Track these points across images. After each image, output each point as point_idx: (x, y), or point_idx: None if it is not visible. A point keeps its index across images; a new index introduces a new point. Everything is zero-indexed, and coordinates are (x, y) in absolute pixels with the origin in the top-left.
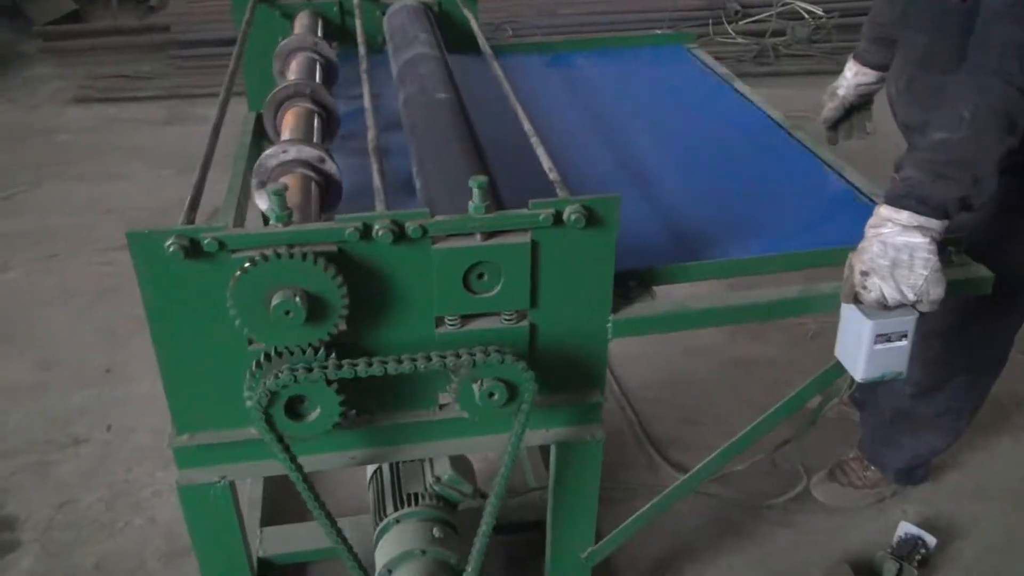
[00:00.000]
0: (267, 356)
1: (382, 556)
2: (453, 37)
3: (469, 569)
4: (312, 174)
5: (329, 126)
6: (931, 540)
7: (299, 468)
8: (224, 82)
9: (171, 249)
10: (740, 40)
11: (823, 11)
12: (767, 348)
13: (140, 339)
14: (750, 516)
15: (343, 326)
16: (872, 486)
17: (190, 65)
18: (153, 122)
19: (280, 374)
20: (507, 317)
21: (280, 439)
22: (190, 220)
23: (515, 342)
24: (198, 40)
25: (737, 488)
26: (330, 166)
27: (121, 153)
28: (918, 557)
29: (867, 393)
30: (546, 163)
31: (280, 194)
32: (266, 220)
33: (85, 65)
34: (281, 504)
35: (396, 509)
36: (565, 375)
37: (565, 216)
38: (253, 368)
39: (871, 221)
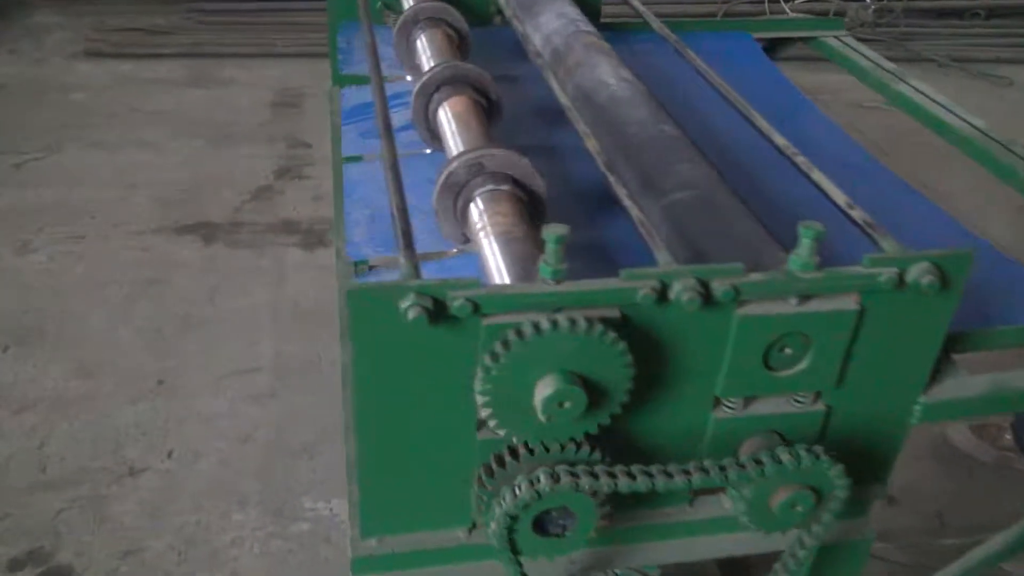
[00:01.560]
0: (508, 453)
1: None
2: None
3: None
4: (519, 192)
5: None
6: None
7: None
8: (369, 61)
9: (411, 314)
10: None
11: None
12: None
13: (191, 343)
14: None
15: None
16: None
17: (211, 20)
18: (175, 83)
19: (540, 483)
20: (799, 398)
21: (518, 559)
22: (414, 272)
23: (804, 429)
24: None
25: (909, 552)
26: (539, 182)
27: (143, 118)
28: None
29: None
30: (839, 196)
31: (561, 241)
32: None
33: (92, 15)
34: None
35: None
36: (849, 466)
37: (911, 277)
38: (486, 470)
39: None
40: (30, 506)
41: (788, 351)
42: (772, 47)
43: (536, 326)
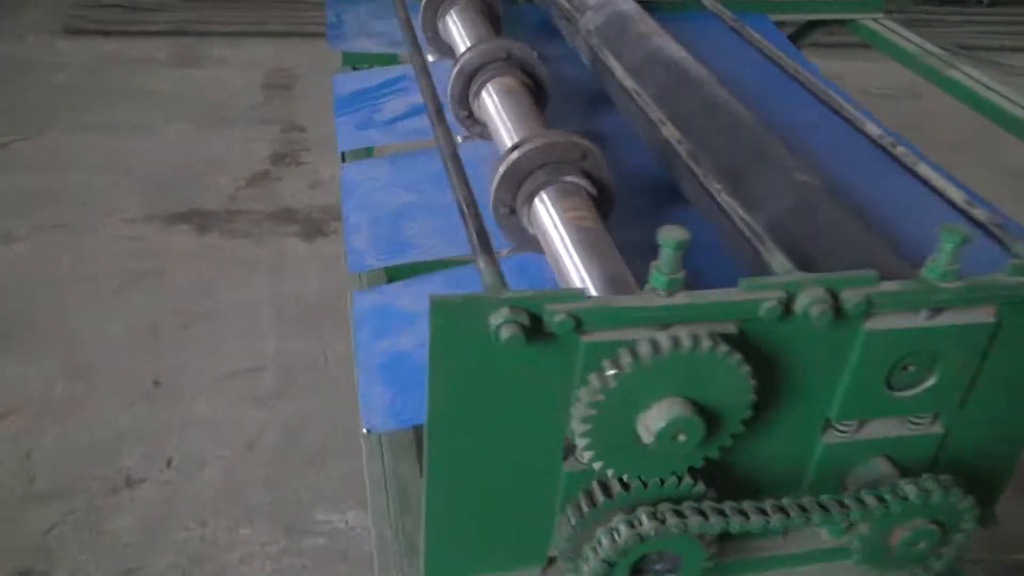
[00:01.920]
0: (599, 488)
1: None
2: None
3: None
4: (585, 183)
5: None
6: None
7: None
8: (404, 36)
9: (505, 333)
10: None
11: None
12: None
13: (188, 341)
14: None
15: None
16: None
17: None
18: (163, 63)
19: (645, 524)
20: (916, 420)
21: None
22: (501, 282)
23: (917, 453)
24: None
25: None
26: (607, 172)
27: (131, 98)
28: None
29: None
30: (954, 193)
31: (681, 246)
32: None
33: None
34: None
35: None
36: None
37: None
38: (576, 508)
39: None
40: (19, 521)
41: (911, 369)
42: (800, 33)
43: (655, 344)
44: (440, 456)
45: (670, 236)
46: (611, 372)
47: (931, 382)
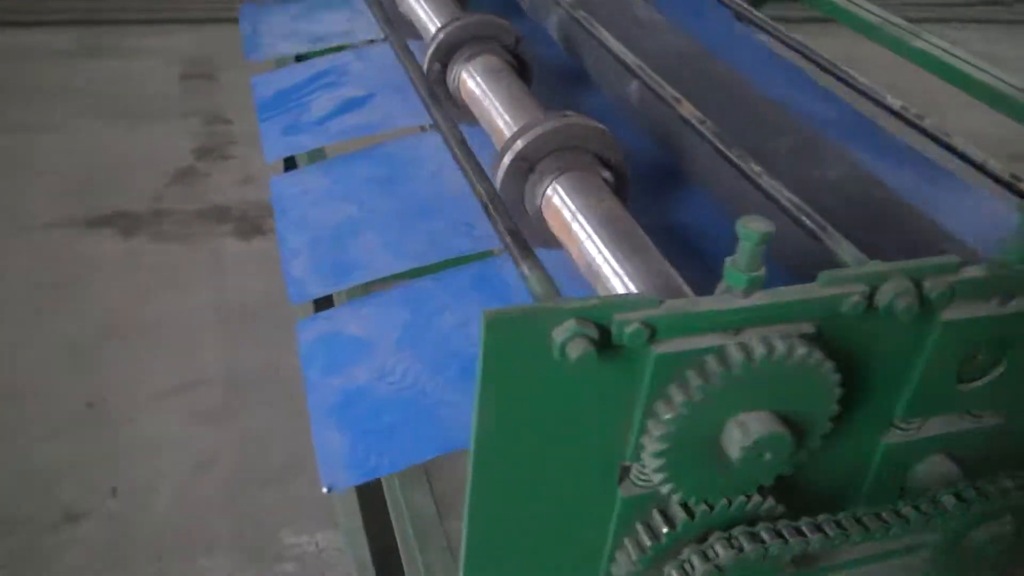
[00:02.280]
0: (659, 513)
1: None
2: None
3: None
4: (601, 167)
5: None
6: None
7: None
8: (376, 15)
9: (574, 350)
10: None
11: None
12: None
13: (122, 356)
14: None
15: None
16: None
17: None
18: (70, 54)
19: (747, 546)
20: (977, 412)
21: None
22: (554, 289)
23: (974, 446)
24: None
25: None
26: (620, 156)
27: (36, 94)
28: None
29: None
30: (994, 164)
31: (765, 239)
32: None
33: None
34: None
35: None
36: None
37: None
38: (636, 542)
39: None
40: None
41: (979, 359)
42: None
43: (747, 351)
44: (485, 481)
45: (752, 228)
46: (697, 384)
47: (998, 371)
